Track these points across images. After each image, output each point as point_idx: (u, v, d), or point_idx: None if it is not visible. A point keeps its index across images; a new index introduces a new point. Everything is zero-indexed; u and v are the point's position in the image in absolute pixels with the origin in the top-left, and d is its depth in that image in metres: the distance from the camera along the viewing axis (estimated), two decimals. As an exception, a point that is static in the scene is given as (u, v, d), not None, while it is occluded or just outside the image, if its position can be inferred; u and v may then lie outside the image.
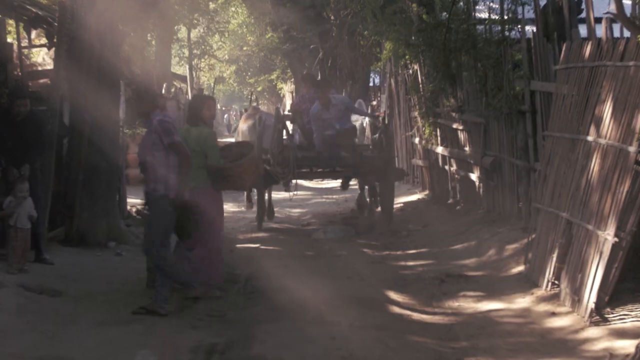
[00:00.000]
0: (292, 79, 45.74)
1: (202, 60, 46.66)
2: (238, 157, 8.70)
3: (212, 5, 48.57)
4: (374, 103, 22.26)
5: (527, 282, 8.35)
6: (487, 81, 11.34)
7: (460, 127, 12.86)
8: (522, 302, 7.85)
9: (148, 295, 8.06)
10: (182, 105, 22.78)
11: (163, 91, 21.75)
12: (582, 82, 7.95)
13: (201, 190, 8.04)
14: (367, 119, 15.40)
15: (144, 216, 12.91)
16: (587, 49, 7.98)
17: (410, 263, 10.03)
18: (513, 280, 8.62)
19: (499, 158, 11.14)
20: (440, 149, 14.13)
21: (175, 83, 29.68)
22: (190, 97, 26.95)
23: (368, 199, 13.50)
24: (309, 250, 11.11)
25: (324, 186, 19.85)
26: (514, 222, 10.45)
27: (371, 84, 26.59)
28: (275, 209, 14.54)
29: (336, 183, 16.18)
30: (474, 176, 12.32)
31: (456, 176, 13.45)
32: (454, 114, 13.09)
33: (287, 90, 52.90)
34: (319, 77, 28.76)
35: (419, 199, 15.37)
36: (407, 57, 14.22)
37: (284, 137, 13.39)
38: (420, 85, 14.66)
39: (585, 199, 7.40)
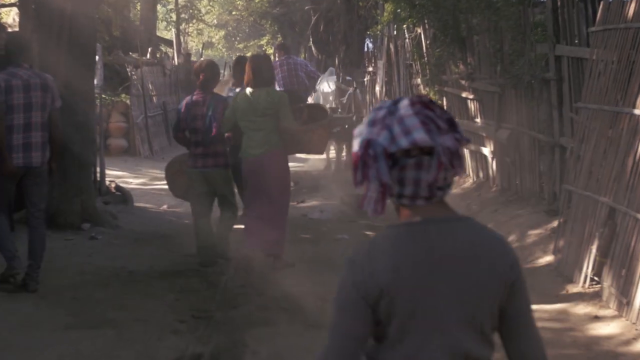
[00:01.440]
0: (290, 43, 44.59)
1: (190, 24, 45.18)
2: (310, 120, 8.27)
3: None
4: (370, 69, 21.09)
5: (559, 276, 7.31)
6: (503, 45, 10.21)
7: (471, 97, 11.76)
8: (555, 301, 6.80)
9: (125, 290, 7.03)
10: (168, 70, 21.51)
11: (148, 56, 20.47)
12: (625, 46, 6.85)
13: (273, 154, 7.64)
14: (332, 84, 16.71)
15: (125, 192, 11.81)
16: (631, 8, 6.88)
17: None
18: (542, 273, 7.57)
19: (517, 131, 10.05)
20: (446, 120, 13.03)
21: (162, 48, 28.39)
22: (181, 61, 25.69)
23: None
24: (305, 232, 9.99)
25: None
26: (535, 204, 9.39)
27: (365, 50, 25.42)
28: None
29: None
30: (486, 151, 11.24)
31: (466, 150, 12.35)
32: (463, 82, 11.98)
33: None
34: (311, 42, 27.72)
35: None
36: (410, 19, 13.06)
37: None
38: (424, 51, 13.52)
39: (633, 183, 6.32)
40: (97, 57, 11.48)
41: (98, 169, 11.51)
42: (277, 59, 13.68)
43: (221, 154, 7.91)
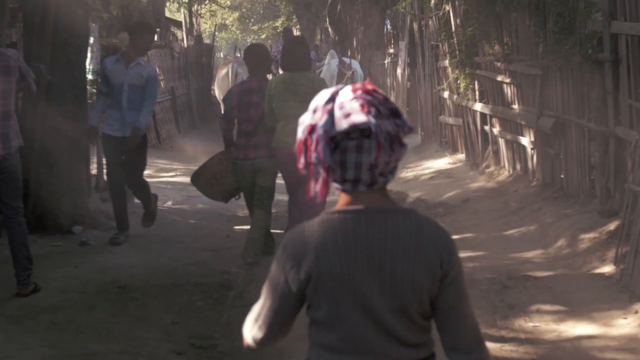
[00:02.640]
0: (298, 26, 43.53)
1: (203, 6, 43.96)
2: None
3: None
4: (391, 51, 19.92)
5: (623, 292, 6.19)
6: (547, 22, 9.05)
7: (507, 80, 10.61)
8: (624, 324, 5.67)
9: (113, 311, 5.97)
10: (177, 53, 20.37)
11: (155, 38, 19.33)
12: None
13: None
14: (335, 66, 16.55)
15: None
16: None
17: (456, 255, 7.81)
18: (600, 286, 6.45)
19: (563, 119, 8.90)
20: (478, 106, 11.88)
21: (172, 30, 27.26)
22: (191, 43, 24.59)
23: None
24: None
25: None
26: (585, 202, 8.26)
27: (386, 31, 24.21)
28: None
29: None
30: (525, 140, 10.09)
31: (500, 139, 11.22)
32: (498, 64, 10.82)
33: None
34: (327, 23, 26.57)
35: (450, 163, 13.16)
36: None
37: None
38: (454, 30, 12.35)
39: None
40: (91, 39, 10.41)
41: (95, 162, 10.48)
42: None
43: (270, 145, 7.33)
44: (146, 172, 13.28)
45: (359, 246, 2.17)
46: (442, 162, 13.45)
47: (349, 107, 2.15)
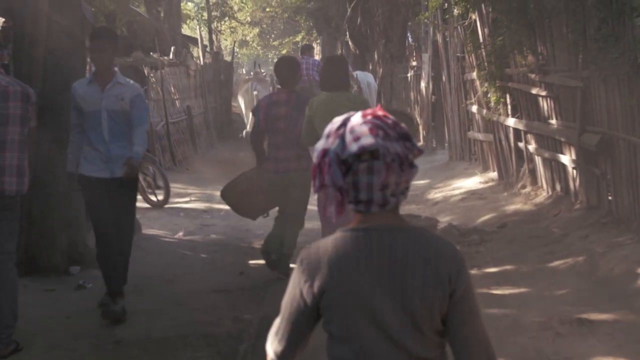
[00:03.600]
0: (318, 41, 42.89)
1: (223, 22, 43.37)
2: None
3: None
4: (414, 64, 19.09)
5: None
6: (587, 29, 8.19)
7: (543, 93, 9.74)
8: None
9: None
10: (192, 71, 19.63)
11: (171, 55, 18.63)
12: None
13: None
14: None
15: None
16: None
17: (496, 292, 6.93)
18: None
19: (609, 135, 8.02)
20: (511, 121, 11.00)
21: (191, 48, 26.59)
22: (208, 60, 23.91)
23: None
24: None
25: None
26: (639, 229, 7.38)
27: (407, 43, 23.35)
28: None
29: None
30: (565, 159, 9.21)
31: (536, 157, 10.35)
32: (532, 76, 9.95)
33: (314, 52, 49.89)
34: (347, 37, 25.80)
35: (481, 183, 12.28)
36: (464, 3, 11.04)
37: None
38: (482, 40, 11.50)
39: None
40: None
41: None
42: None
43: (304, 157, 7.32)
44: (160, 198, 12.58)
45: (371, 262, 2.26)
46: (473, 182, 12.57)
47: (358, 131, 2.24)
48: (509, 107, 11.10)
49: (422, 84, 17.72)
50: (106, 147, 6.35)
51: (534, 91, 9.99)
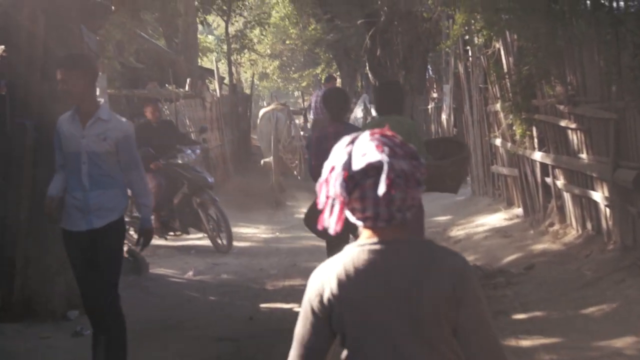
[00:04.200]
0: (338, 73, 42.59)
1: (242, 55, 43.13)
2: (444, 154, 7.66)
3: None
4: (434, 96, 18.62)
5: None
6: (620, 57, 7.67)
7: (573, 125, 9.19)
8: None
9: None
10: (208, 104, 19.21)
11: (186, 87, 18.25)
12: None
13: None
14: (360, 113, 19.17)
15: (138, 259, 9.45)
16: None
17: (525, 343, 6.33)
18: None
19: (647, 172, 7.48)
20: (538, 155, 10.46)
21: (211, 80, 26.25)
22: (225, 93, 23.55)
23: None
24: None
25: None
26: (681, 274, 6.80)
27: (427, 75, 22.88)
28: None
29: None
30: (597, 196, 8.64)
31: (565, 193, 9.79)
32: (561, 107, 9.42)
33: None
34: (367, 68, 25.39)
35: (506, 219, 11.72)
36: (487, 31, 10.53)
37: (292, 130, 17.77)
38: (506, 70, 11.00)
39: None
40: (97, 90, 9.27)
41: None
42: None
43: None
44: (171, 234, 12.05)
45: (378, 275, 2.29)
46: (497, 218, 12.01)
47: (365, 147, 2.30)
48: (536, 140, 10.57)
49: (443, 116, 17.23)
50: (85, 195, 5.42)
51: (563, 123, 9.45)
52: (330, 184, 2.30)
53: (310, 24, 39.35)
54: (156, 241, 10.86)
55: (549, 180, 10.34)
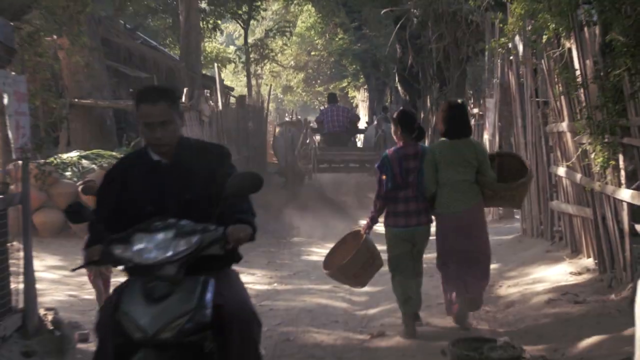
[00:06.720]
0: (366, 86, 40.00)
1: (262, 65, 40.51)
2: (502, 168, 7.66)
3: (275, 6, 43.26)
4: (475, 111, 15.80)
5: None
6: None
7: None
8: None
9: None
10: (206, 117, 16.44)
11: (183, 98, 15.57)
12: None
13: (474, 209, 7.43)
14: (372, 133, 20.95)
15: (64, 332, 6.77)
16: None
17: None
18: None
19: None
20: (626, 194, 7.56)
21: (225, 92, 23.59)
22: (233, 105, 20.90)
23: None
24: None
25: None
26: None
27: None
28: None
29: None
30: None
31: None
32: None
33: (360, 99, 46.87)
34: (397, 81, 22.83)
35: (572, 274, 8.89)
36: (557, 25, 7.74)
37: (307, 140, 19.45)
38: (581, 77, 8.17)
39: None
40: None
41: (21, 287, 6.71)
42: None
43: (428, 209, 7.50)
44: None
45: None
46: (560, 271, 9.16)
47: None
48: (623, 172, 7.70)
49: (486, 136, 14.32)
50: None
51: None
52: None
53: (337, 33, 36.87)
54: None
55: (639, 227, 7.50)
